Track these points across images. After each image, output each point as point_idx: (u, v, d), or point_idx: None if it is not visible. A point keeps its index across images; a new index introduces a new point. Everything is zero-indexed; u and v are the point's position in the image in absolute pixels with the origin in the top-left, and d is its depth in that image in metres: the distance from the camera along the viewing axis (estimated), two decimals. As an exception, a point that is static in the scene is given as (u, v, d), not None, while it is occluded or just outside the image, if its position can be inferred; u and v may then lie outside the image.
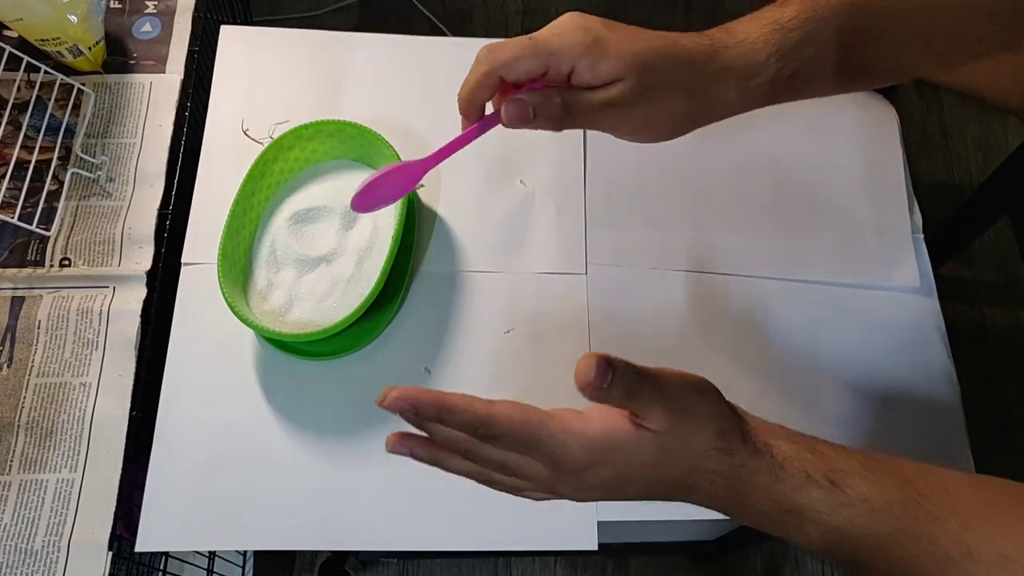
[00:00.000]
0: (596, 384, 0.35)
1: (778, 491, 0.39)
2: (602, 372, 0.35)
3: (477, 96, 0.45)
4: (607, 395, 0.36)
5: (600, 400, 0.37)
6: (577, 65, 0.42)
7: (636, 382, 0.37)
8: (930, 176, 1.47)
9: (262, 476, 0.57)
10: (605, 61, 0.42)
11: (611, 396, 0.36)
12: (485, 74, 0.43)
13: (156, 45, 0.74)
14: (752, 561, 1.19)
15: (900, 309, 0.66)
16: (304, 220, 0.62)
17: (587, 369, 0.35)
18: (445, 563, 1.17)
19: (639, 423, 0.39)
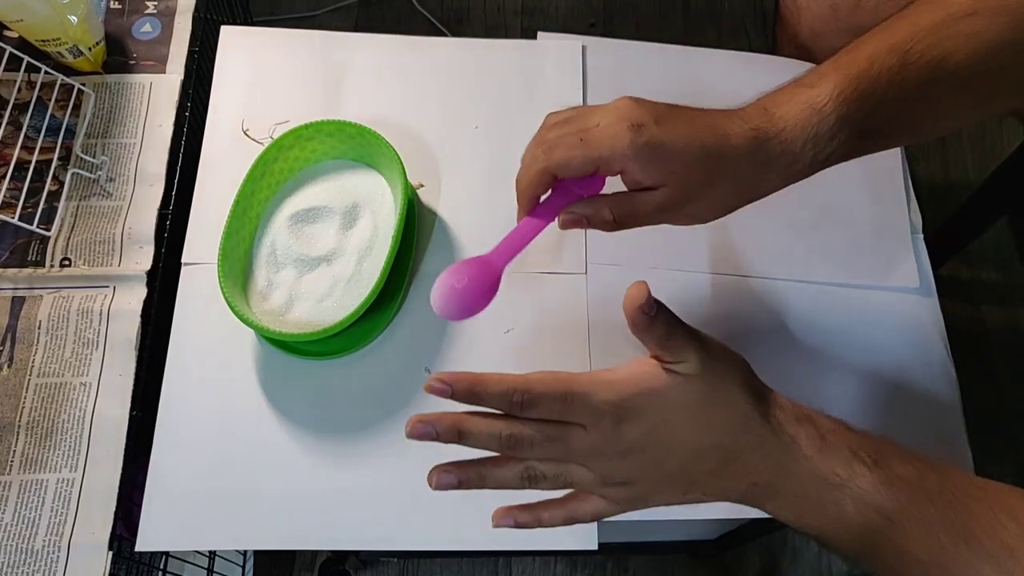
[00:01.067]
0: (646, 309, 0.36)
1: (823, 464, 0.39)
2: (651, 300, 0.37)
3: (533, 190, 0.47)
4: (651, 324, 0.37)
5: (643, 328, 0.38)
6: (626, 167, 0.44)
7: (676, 322, 0.38)
8: (928, 175, 1.47)
9: (262, 476, 0.57)
10: (653, 167, 0.44)
11: (654, 327, 0.37)
12: (540, 172, 0.45)
13: (156, 45, 0.74)
14: (750, 557, 1.19)
15: (900, 309, 0.66)
16: (304, 220, 0.62)
17: (638, 294, 0.36)
18: (445, 563, 1.17)
19: (669, 367, 0.39)
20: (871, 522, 0.38)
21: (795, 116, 0.45)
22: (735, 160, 0.45)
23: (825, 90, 0.45)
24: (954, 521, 0.37)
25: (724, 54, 0.75)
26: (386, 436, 0.59)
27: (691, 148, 0.44)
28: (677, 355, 0.39)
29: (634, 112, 0.44)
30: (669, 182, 0.44)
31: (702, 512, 0.58)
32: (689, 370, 0.39)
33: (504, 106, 0.71)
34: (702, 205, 0.46)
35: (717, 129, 0.45)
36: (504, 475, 0.41)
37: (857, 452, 0.39)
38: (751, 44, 1.57)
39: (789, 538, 1.20)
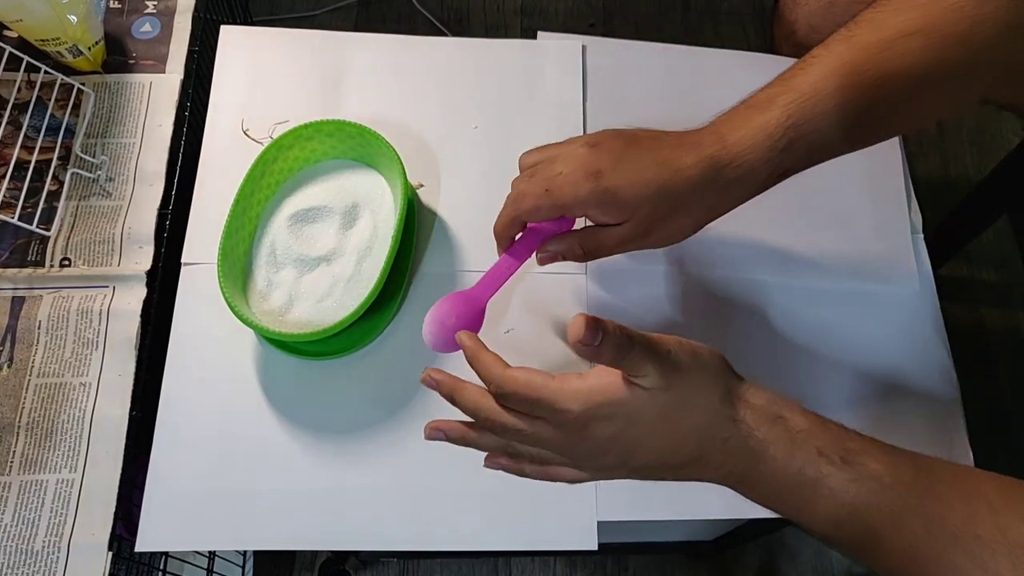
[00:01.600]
0: (586, 341, 0.37)
1: (792, 464, 0.40)
2: (591, 331, 0.37)
3: (507, 232, 0.53)
4: (598, 353, 0.38)
5: (592, 358, 0.39)
6: (589, 213, 0.50)
7: (626, 343, 0.39)
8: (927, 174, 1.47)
9: (262, 476, 0.57)
10: (612, 210, 0.49)
11: (602, 354, 0.38)
12: (512, 218, 0.52)
13: (156, 45, 0.74)
14: (749, 557, 1.19)
15: (899, 309, 0.66)
16: (304, 220, 0.62)
17: (577, 328, 0.37)
18: (445, 563, 1.17)
19: (631, 380, 0.40)
20: (843, 518, 0.39)
21: (748, 140, 0.48)
22: (690, 193, 0.49)
23: (775, 115, 0.48)
24: (927, 513, 0.38)
25: (723, 54, 0.75)
26: (386, 436, 0.59)
27: (647, 190, 0.48)
28: (635, 369, 0.40)
29: (593, 160, 0.48)
30: (629, 220, 0.49)
31: (701, 512, 0.58)
32: (650, 384, 0.40)
33: (504, 106, 0.71)
34: (664, 234, 0.51)
35: (671, 165, 0.48)
36: (486, 443, 0.45)
37: (824, 451, 0.40)
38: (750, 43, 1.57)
39: (788, 538, 1.20)
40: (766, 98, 0.49)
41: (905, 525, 0.38)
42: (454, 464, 0.58)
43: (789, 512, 0.42)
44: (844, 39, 0.49)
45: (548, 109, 0.71)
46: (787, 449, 0.40)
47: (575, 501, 0.57)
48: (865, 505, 0.39)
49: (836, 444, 0.40)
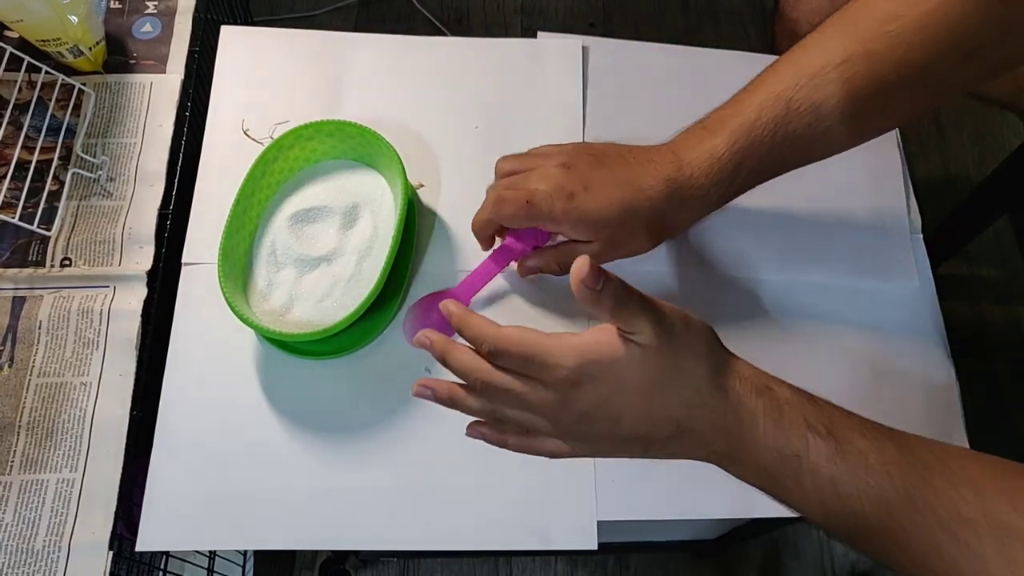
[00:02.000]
0: (589, 284, 0.38)
1: (778, 436, 0.40)
2: (595, 274, 0.38)
3: (484, 231, 0.58)
4: (598, 298, 0.38)
5: (591, 302, 0.39)
6: (562, 229, 0.54)
7: (625, 293, 0.39)
8: (927, 174, 1.47)
9: (262, 476, 0.57)
10: (583, 229, 0.54)
11: (602, 300, 0.38)
12: (489, 220, 0.56)
13: (156, 45, 0.74)
14: (752, 555, 1.19)
15: (899, 309, 0.66)
16: (304, 220, 0.62)
17: (581, 268, 0.38)
18: (445, 563, 1.18)
19: (626, 336, 0.40)
20: (827, 493, 0.39)
21: (700, 163, 0.53)
22: (651, 212, 0.53)
23: (722, 140, 0.52)
24: (910, 492, 0.38)
25: (724, 54, 0.75)
26: (386, 436, 0.59)
27: (613, 211, 0.53)
28: (631, 325, 0.40)
29: (566, 182, 0.53)
30: (597, 238, 0.54)
31: (702, 512, 0.58)
32: (645, 340, 0.40)
33: (504, 106, 0.71)
34: (630, 248, 0.56)
35: (634, 184, 0.53)
36: (472, 406, 0.45)
37: (812, 424, 0.40)
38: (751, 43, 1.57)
39: (791, 536, 1.20)
40: (718, 120, 0.54)
41: (889, 505, 0.38)
42: (454, 464, 0.58)
43: (776, 490, 0.41)
44: (789, 62, 0.52)
45: (548, 109, 0.71)
46: (775, 419, 0.40)
47: (575, 501, 0.57)
48: (850, 482, 0.39)
49: (823, 416, 0.40)
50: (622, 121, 0.72)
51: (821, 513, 0.40)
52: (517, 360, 0.41)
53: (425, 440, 0.59)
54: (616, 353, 0.40)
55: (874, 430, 0.40)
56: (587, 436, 0.43)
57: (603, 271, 0.38)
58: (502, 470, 0.58)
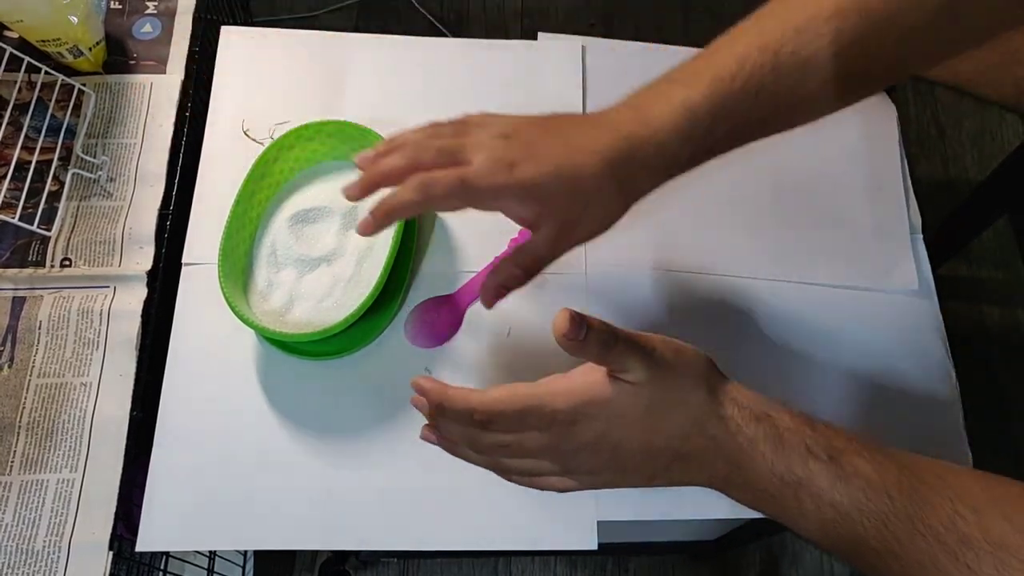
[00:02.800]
0: (570, 336, 0.38)
1: (779, 463, 0.40)
2: (576, 325, 0.38)
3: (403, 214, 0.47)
4: (583, 347, 0.38)
5: (577, 352, 0.39)
6: (504, 206, 0.46)
7: (611, 338, 0.39)
8: (928, 174, 1.47)
9: (262, 476, 0.57)
10: (529, 200, 0.45)
11: (587, 349, 0.39)
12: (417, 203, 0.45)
13: (156, 46, 0.74)
14: (751, 557, 1.19)
15: (899, 311, 0.66)
16: (304, 220, 0.62)
17: (562, 322, 0.38)
18: (445, 563, 1.18)
19: (616, 376, 0.40)
20: (828, 516, 0.39)
21: (669, 116, 0.46)
22: (606, 176, 0.45)
23: (698, 93, 0.46)
24: (911, 514, 0.38)
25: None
26: (386, 436, 0.59)
27: (560, 177, 0.44)
28: (620, 364, 0.40)
29: (506, 152, 0.45)
30: (545, 216, 0.46)
31: (702, 512, 0.58)
32: (635, 378, 0.40)
33: (504, 106, 0.70)
34: (588, 227, 0.47)
35: (586, 148, 0.45)
36: (473, 458, 0.45)
37: (812, 449, 0.40)
38: (751, 44, 1.56)
39: (790, 539, 1.20)
40: (691, 72, 0.47)
41: (890, 526, 0.38)
42: (454, 464, 0.58)
43: (777, 513, 0.41)
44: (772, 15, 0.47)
45: (548, 109, 0.71)
46: (775, 446, 0.40)
47: (575, 501, 0.57)
48: (852, 505, 0.39)
49: (823, 441, 0.40)
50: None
51: (821, 534, 0.40)
52: (511, 421, 0.41)
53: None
54: (606, 393, 0.41)
55: (873, 451, 0.40)
56: (591, 468, 0.43)
57: (584, 318, 0.38)
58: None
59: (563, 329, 0.38)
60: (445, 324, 0.62)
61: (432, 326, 0.61)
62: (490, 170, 0.44)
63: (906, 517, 0.38)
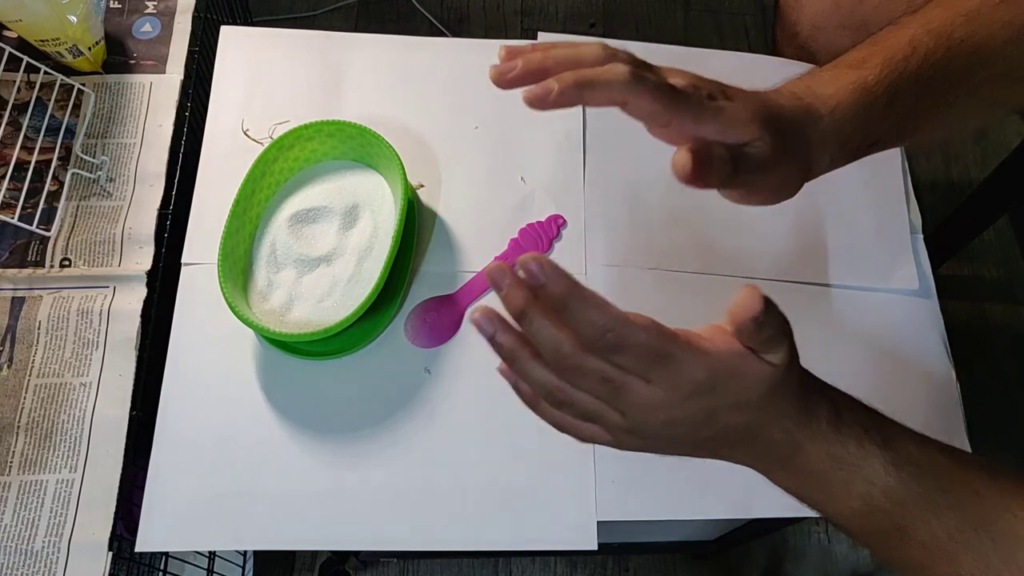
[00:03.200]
0: (760, 319, 0.34)
1: (835, 442, 0.38)
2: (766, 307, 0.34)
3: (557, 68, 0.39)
4: (759, 330, 0.35)
5: (751, 335, 0.35)
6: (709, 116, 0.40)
7: (778, 319, 0.35)
8: (929, 173, 1.47)
9: (262, 476, 0.57)
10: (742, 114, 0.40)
11: (761, 332, 0.35)
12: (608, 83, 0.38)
13: (156, 45, 0.74)
14: (753, 556, 1.19)
15: (899, 311, 0.66)
16: (304, 220, 0.62)
17: (752, 304, 0.34)
18: (445, 563, 1.17)
19: (762, 356, 0.36)
20: (876, 503, 0.38)
21: (845, 95, 0.43)
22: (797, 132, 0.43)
23: (872, 71, 0.44)
24: (963, 507, 0.37)
25: (724, 54, 0.75)
26: (386, 436, 0.59)
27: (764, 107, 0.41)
28: (773, 349, 0.37)
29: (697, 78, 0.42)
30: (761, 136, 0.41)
31: (702, 512, 0.58)
32: (778, 361, 0.37)
33: (504, 106, 0.71)
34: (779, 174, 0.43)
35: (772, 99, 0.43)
36: (536, 377, 0.37)
37: (870, 431, 0.39)
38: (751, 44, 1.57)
39: (791, 538, 1.20)
40: (858, 58, 0.45)
41: (940, 517, 0.37)
42: (454, 464, 0.58)
43: (818, 497, 0.40)
44: (938, 4, 0.46)
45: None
46: (834, 426, 0.38)
47: (575, 501, 0.57)
48: (903, 492, 0.37)
49: (879, 425, 0.39)
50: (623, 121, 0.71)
51: (860, 521, 0.39)
52: (646, 358, 0.35)
53: (425, 440, 0.59)
54: (748, 370, 0.36)
55: (926, 442, 0.39)
56: (657, 435, 0.38)
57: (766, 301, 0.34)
58: (502, 470, 0.58)
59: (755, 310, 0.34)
60: (445, 324, 0.62)
61: (432, 326, 0.61)
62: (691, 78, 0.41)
63: (958, 511, 0.37)
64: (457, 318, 0.62)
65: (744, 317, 0.34)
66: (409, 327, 0.62)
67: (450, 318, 0.62)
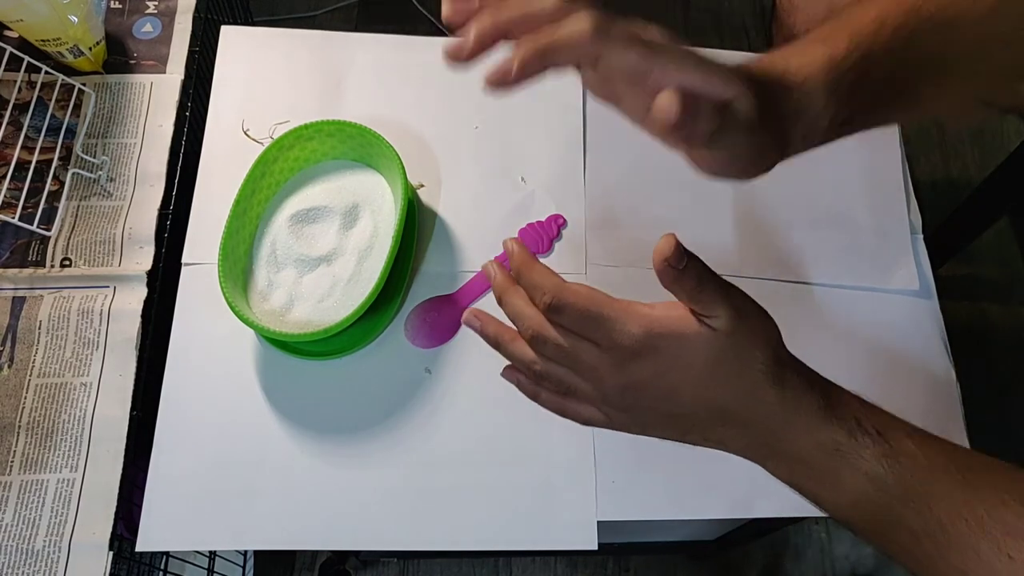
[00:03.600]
0: (673, 262, 0.36)
1: (826, 431, 0.39)
2: (679, 253, 0.36)
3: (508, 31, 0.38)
4: (680, 277, 0.37)
5: (672, 283, 0.37)
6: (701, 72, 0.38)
7: (707, 273, 0.37)
8: (928, 173, 1.47)
9: (262, 476, 0.57)
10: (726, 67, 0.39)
11: (684, 279, 0.37)
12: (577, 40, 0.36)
13: (157, 45, 0.74)
14: (752, 556, 1.19)
15: (899, 311, 0.66)
16: (304, 220, 0.62)
17: (666, 247, 0.36)
18: (445, 563, 1.17)
19: (702, 318, 0.38)
20: (868, 493, 0.38)
21: (814, 68, 0.43)
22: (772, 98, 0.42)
23: (841, 45, 0.43)
24: (956, 498, 0.37)
25: (725, 54, 0.75)
26: (386, 436, 0.59)
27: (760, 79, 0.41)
28: (708, 309, 0.38)
29: None
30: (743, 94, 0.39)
31: (702, 512, 0.58)
32: (719, 325, 0.38)
33: (504, 106, 0.71)
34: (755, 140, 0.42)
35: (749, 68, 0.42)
36: (515, 352, 0.42)
37: (862, 423, 0.39)
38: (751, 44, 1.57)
39: (791, 537, 1.20)
40: (827, 32, 0.44)
41: (935, 508, 0.37)
42: (454, 464, 0.58)
43: (810, 486, 0.40)
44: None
45: (548, 109, 0.71)
46: (825, 415, 0.39)
47: (575, 501, 0.57)
48: (897, 483, 0.38)
49: (874, 417, 0.39)
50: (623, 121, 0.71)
51: (854, 510, 0.40)
52: (579, 316, 0.39)
53: (425, 440, 0.59)
54: (687, 331, 0.38)
55: (922, 435, 0.40)
56: (630, 406, 0.41)
57: (686, 250, 0.36)
58: (502, 470, 0.58)
59: (666, 253, 0.36)
60: (445, 324, 0.62)
61: (432, 326, 0.62)
62: None
63: (951, 502, 0.37)
64: (457, 318, 0.62)
65: (659, 259, 0.36)
66: (409, 327, 0.62)
67: (450, 318, 0.62)
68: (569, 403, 0.43)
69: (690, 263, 0.37)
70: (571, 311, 0.39)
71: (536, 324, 0.40)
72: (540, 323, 0.40)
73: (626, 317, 0.38)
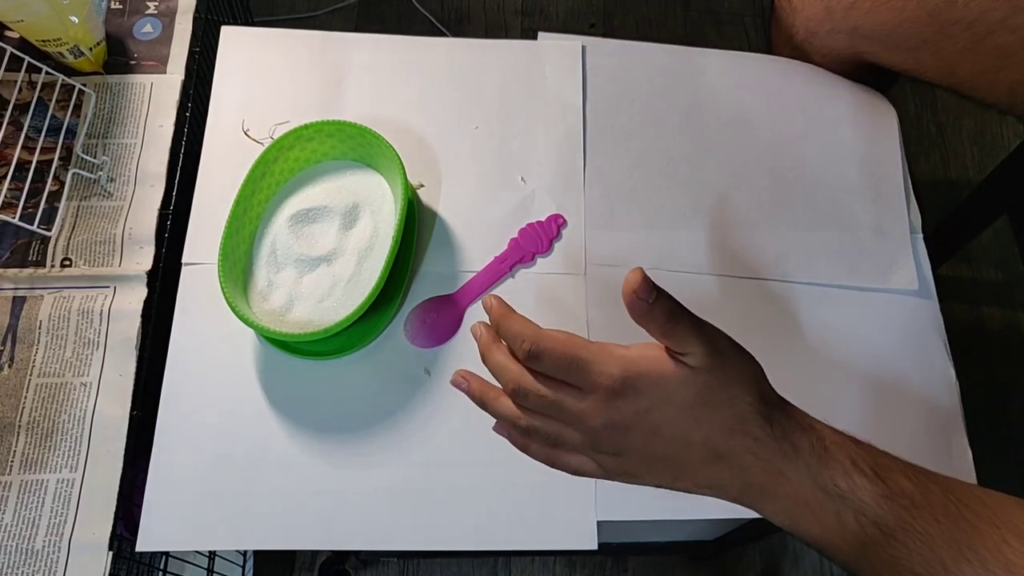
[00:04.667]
0: (641, 295, 0.36)
1: (823, 474, 0.39)
2: (647, 287, 0.36)
3: None
4: (649, 312, 0.37)
5: (642, 317, 0.37)
6: None
7: (678, 309, 0.38)
8: (927, 173, 1.47)
9: (262, 476, 0.57)
10: None
11: (653, 315, 0.37)
12: None
13: (157, 46, 0.74)
14: (751, 558, 1.19)
15: (899, 311, 0.66)
16: (304, 220, 0.62)
17: (634, 280, 0.36)
18: (445, 563, 1.17)
19: (677, 357, 0.39)
20: (870, 535, 0.38)
21: None
22: None
23: None
24: (957, 538, 0.37)
25: (724, 54, 0.75)
26: (386, 436, 0.59)
27: None
28: (681, 346, 0.38)
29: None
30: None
31: (701, 512, 0.58)
32: (694, 363, 0.39)
33: (504, 106, 0.71)
34: None
35: None
36: (500, 410, 0.43)
37: (858, 464, 0.39)
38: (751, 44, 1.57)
39: (790, 540, 1.20)
40: None
41: (936, 550, 0.37)
42: (454, 464, 0.58)
43: (813, 530, 0.40)
44: None
45: (548, 109, 0.71)
46: (820, 457, 0.39)
47: (575, 501, 0.57)
48: (897, 525, 0.38)
49: (868, 458, 0.39)
50: (622, 121, 0.72)
51: (857, 553, 0.39)
52: (558, 361, 0.39)
53: (425, 440, 0.59)
54: (664, 370, 0.39)
55: (917, 473, 0.40)
56: (618, 449, 0.41)
57: (655, 285, 0.37)
58: (502, 470, 0.58)
59: (634, 286, 0.36)
60: (445, 324, 0.62)
61: (432, 326, 0.62)
62: None
63: (953, 541, 0.37)
64: (457, 318, 0.62)
65: (628, 292, 0.37)
66: (409, 327, 0.62)
67: (450, 318, 0.62)
68: (559, 454, 0.43)
69: (660, 297, 0.37)
70: (549, 356, 0.40)
71: (516, 376, 0.41)
72: (520, 374, 0.41)
73: (604, 358, 0.39)
